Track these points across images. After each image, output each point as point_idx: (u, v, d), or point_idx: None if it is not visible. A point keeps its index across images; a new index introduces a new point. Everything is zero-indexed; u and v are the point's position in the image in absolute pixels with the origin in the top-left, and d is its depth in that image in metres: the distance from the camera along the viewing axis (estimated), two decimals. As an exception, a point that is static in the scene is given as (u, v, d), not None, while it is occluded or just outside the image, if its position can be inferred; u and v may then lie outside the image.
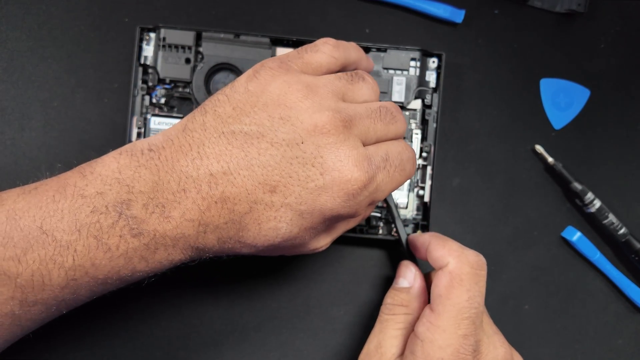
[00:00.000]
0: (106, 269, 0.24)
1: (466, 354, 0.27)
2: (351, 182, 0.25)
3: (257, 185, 0.24)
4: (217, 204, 0.24)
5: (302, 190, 0.25)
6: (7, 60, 0.37)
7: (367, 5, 0.38)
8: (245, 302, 0.37)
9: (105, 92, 0.37)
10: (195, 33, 0.35)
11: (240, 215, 0.25)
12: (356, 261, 0.37)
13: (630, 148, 0.38)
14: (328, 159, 0.25)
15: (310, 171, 0.25)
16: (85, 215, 0.23)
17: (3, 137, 0.37)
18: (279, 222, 0.25)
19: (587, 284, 0.38)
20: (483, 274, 0.29)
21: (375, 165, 0.26)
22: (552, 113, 0.38)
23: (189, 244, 0.25)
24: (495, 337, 0.29)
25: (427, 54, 0.36)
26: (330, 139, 0.25)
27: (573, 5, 0.38)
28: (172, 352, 0.36)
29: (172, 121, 0.35)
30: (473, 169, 0.38)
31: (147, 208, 0.24)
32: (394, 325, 0.31)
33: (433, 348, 0.27)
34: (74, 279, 0.24)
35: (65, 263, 0.23)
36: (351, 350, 0.37)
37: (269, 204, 0.25)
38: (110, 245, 0.24)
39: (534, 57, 0.38)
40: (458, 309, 0.28)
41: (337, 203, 0.25)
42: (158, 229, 0.24)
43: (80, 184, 0.24)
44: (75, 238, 0.23)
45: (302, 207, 0.25)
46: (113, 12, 0.37)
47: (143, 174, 0.24)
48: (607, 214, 0.37)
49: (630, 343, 0.37)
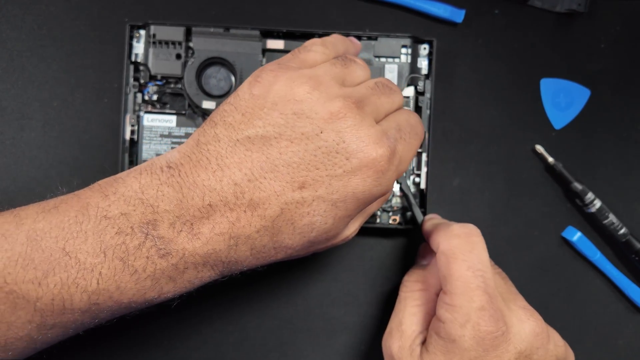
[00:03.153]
0: (131, 292, 0.23)
1: (488, 326, 0.26)
2: (377, 160, 0.25)
3: (285, 184, 0.24)
4: (246, 213, 0.24)
5: (331, 179, 0.24)
6: (7, 60, 0.37)
7: (367, 5, 0.38)
8: (245, 302, 0.37)
9: (105, 92, 0.37)
10: (185, 28, 0.35)
11: (272, 219, 0.24)
12: (356, 261, 0.37)
13: (630, 148, 0.38)
14: (350, 142, 0.25)
15: (336, 158, 0.24)
16: (110, 237, 0.23)
17: (3, 137, 0.37)
18: (313, 216, 0.25)
19: (587, 284, 0.38)
20: (476, 240, 0.28)
21: (393, 137, 0.26)
22: (552, 113, 0.38)
23: (220, 259, 0.24)
24: (520, 311, 0.28)
25: (418, 40, 0.36)
26: (348, 122, 0.25)
27: (573, 5, 0.38)
28: (172, 352, 0.36)
29: (165, 118, 0.35)
30: (473, 169, 0.38)
31: (174, 227, 0.23)
32: (412, 302, 0.31)
33: (454, 327, 0.27)
34: (97, 302, 0.23)
35: (89, 287, 0.23)
36: (351, 350, 0.37)
37: (300, 201, 0.24)
38: (137, 268, 0.23)
39: (534, 57, 0.38)
40: (463, 282, 0.27)
41: (368, 184, 0.25)
42: (187, 247, 0.23)
43: (103, 205, 0.23)
44: (100, 260, 0.23)
45: (334, 196, 0.25)
46: (113, 12, 0.37)
47: (166, 192, 0.24)
48: (608, 214, 0.37)
49: (630, 343, 0.37)
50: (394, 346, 0.30)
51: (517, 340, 0.27)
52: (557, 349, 0.29)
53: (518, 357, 0.27)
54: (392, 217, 0.36)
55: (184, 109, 0.35)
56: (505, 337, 0.27)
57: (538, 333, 0.28)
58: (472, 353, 0.26)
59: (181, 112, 0.35)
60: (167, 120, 0.35)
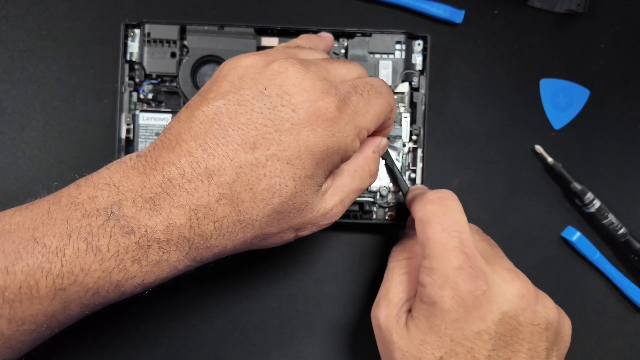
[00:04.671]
0: (96, 274, 0.23)
1: (467, 285, 0.26)
2: (325, 107, 0.25)
3: (237, 147, 0.24)
4: (203, 183, 0.24)
5: (281, 134, 0.24)
6: (7, 61, 0.37)
7: (367, 5, 0.38)
8: (245, 302, 0.37)
9: (105, 92, 0.37)
10: (179, 27, 0.35)
11: (229, 186, 0.24)
12: (357, 261, 0.37)
13: (630, 148, 0.38)
14: (295, 93, 0.25)
15: (282, 112, 0.25)
16: (77, 220, 0.23)
17: (3, 137, 0.37)
18: (270, 178, 0.24)
19: (587, 284, 0.38)
20: (450, 204, 0.28)
21: (344, 90, 0.26)
22: (552, 113, 0.38)
23: (183, 235, 0.24)
24: (505, 273, 0.27)
25: (412, 36, 0.36)
26: (290, 75, 0.25)
27: (573, 5, 0.38)
28: (172, 352, 0.36)
29: (160, 116, 0.35)
30: (473, 169, 0.38)
31: (136, 204, 0.24)
32: (399, 271, 0.31)
33: (434, 289, 0.26)
34: (62, 288, 0.23)
35: (54, 270, 0.23)
36: (351, 350, 0.37)
37: (255, 163, 0.24)
38: (100, 247, 0.23)
39: (533, 57, 0.38)
40: (439, 244, 0.27)
41: (319, 134, 0.25)
42: (148, 223, 0.23)
43: (74, 193, 0.24)
44: (65, 243, 0.23)
45: (287, 153, 0.24)
46: (113, 13, 0.37)
47: (131, 174, 0.24)
48: (607, 214, 0.37)
49: (630, 343, 0.37)
50: (381, 315, 0.29)
51: (501, 301, 0.26)
52: (547, 311, 0.27)
53: (502, 317, 0.26)
54: (388, 213, 0.36)
55: (179, 107, 0.36)
56: (487, 297, 0.26)
57: (524, 294, 0.27)
58: (453, 314, 0.26)
59: (176, 110, 0.36)
60: (162, 119, 0.35)
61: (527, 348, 0.26)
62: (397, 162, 0.36)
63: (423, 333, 0.27)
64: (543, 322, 0.27)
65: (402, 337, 0.28)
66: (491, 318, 0.26)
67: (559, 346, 0.28)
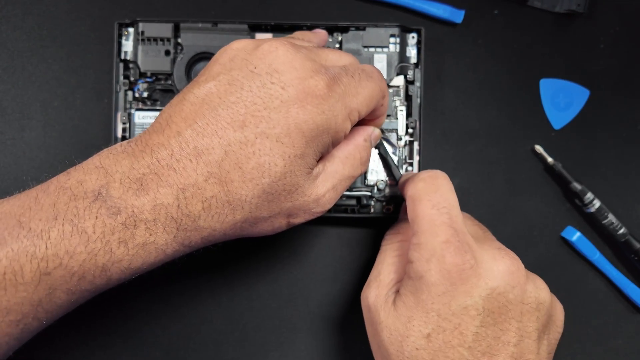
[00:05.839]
0: (81, 256, 0.23)
1: (453, 258, 0.26)
2: (315, 85, 0.25)
3: (226, 125, 0.24)
4: (192, 162, 0.24)
5: (270, 112, 0.24)
6: (7, 61, 0.37)
7: (367, 6, 0.38)
8: (245, 302, 0.37)
9: (105, 92, 0.37)
10: (173, 24, 0.35)
11: (217, 164, 0.24)
12: (357, 260, 0.37)
13: (630, 148, 0.38)
14: (285, 71, 0.25)
15: (272, 89, 0.25)
16: (64, 204, 0.23)
17: (3, 137, 0.37)
18: (259, 157, 0.24)
19: (587, 284, 0.38)
20: (441, 182, 0.28)
21: (334, 71, 0.26)
22: (552, 113, 0.38)
23: (171, 215, 0.24)
24: (495, 251, 0.27)
25: (406, 29, 0.36)
26: (279, 53, 0.25)
27: (573, 5, 0.38)
28: (172, 352, 0.36)
29: (156, 114, 0.35)
30: (473, 169, 0.38)
31: (123, 185, 0.23)
32: (391, 253, 0.31)
33: (421, 263, 0.26)
34: (47, 272, 0.22)
35: (38, 253, 0.22)
36: (351, 351, 0.37)
37: (244, 141, 0.24)
38: (86, 229, 0.23)
39: (533, 57, 0.38)
40: (428, 219, 0.27)
41: (308, 111, 0.25)
42: (135, 203, 0.23)
43: (62, 179, 0.24)
44: (51, 225, 0.22)
45: (276, 130, 0.24)
46: (113, 13, 0.37)
47: (121, 157, 0.24)
48: (607, 214, 0.37)
49: (630, 343, 0.37)
50: (370, 296, 0.29)
51: (489, 277, 0.26)
52: (538, 291, 0.27)
53: (490, 293, 0.26)
54: (385, 207, 0.36)
55: (174, 105, 0.36)
56: (474, 271, 0.26)
57: (513, 271, 0.26)
58: (439, 287, 0.26)
59: None
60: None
61: (516, 327, 0.26)
62: (394, 157, 0.36)
63: (410, 310, 0.27)
64: (533, 302, 0.27)
65: (389, 315, 0.28)
66: (478, 293, 0.26)
67: (550, 330, 0.28)
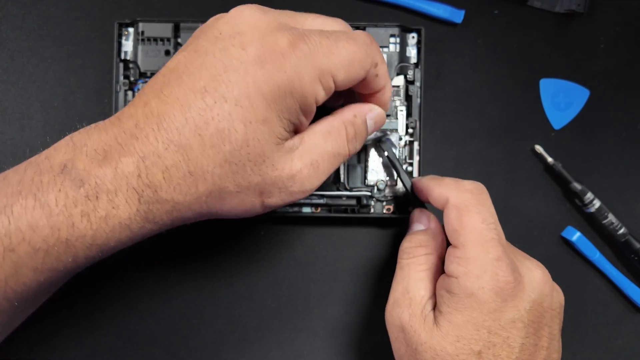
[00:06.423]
0: (45, 230, 0.22)
1: (506, 276, 0.26)
2: (274, 41, 0.24)
3: (188, 91, 0.24)
4: (154, 130, 0.23)
5: (229, 74, 0.23)
6: (7, 61, 0.37)
7: (367, 6, 0.38)
8: (245, 302, 0.37)
9: (105, 92, 0.37)
10: (173, 24, 0.35)
11: (177, 131, 0.23)
12: (357, 260, 0.37)
13: (630, 148, 0.38)
14: (246, 31, 0.24)
15: (232, 51, 0.24)
16: (29, 178, 0.23)
17: (3, 137, 0.37)
18: (218, 122, 0.23)
19: (587, 284, 0.38)
20: (485, 197, 0.28)
21: (304, 30, 0.25)
22: (552, 113, 0.38)
23: (132, 185, 0.23)
24: (527, 262, 0.29)
25: (406, 29, 0.36)
26: (245, 15, 0.25)
27: (573, 5, 0.38)
28: (172, 352, 0.36)
29: None
30: (473, 169, 0.38)
31: (89, 156, 0.23)
32: (417, 267, 0.29)
33: (470, 279, 0.26)
34: (11, 248, 0.22)
35: (1, 228, 0.22)
36: (351, 350, 0.37)
37: (203, 107, 0.23)
38: (48, 202, 0.22)
39: (533, 57, 0.38)
40: (478, 233, 0.27)
41: (267, 70, 0.23)
42: (98, 173, 0.23)
43: (33, 157, 0.24)
44: (14, 200, 0.22)
45: (234, 92, 0.23)
46: (113, 13, 0.37)
47: (92, 132, 0.24)
48: (607, 213, 0.37)
49: (630, 343, 0.37)
50: (403, 315, 0.28)
51: (530, 289, 0.27)
52: (559, 295, 0.29)
53: (532, 305, 0.27)
54: (385, 207, 0.36)
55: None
56: (521, 287, 0.27)
57: (546, 281, 0.28)
58: (491, 305, 0.26)
59: None
60: None
61: (548, 332, 0.28)
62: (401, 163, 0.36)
63: (458, 328, 0.26)
64: (558, 307, 0.29)
65: (433, 335, 0.27)
66: (524, 306, 0.27)
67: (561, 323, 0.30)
